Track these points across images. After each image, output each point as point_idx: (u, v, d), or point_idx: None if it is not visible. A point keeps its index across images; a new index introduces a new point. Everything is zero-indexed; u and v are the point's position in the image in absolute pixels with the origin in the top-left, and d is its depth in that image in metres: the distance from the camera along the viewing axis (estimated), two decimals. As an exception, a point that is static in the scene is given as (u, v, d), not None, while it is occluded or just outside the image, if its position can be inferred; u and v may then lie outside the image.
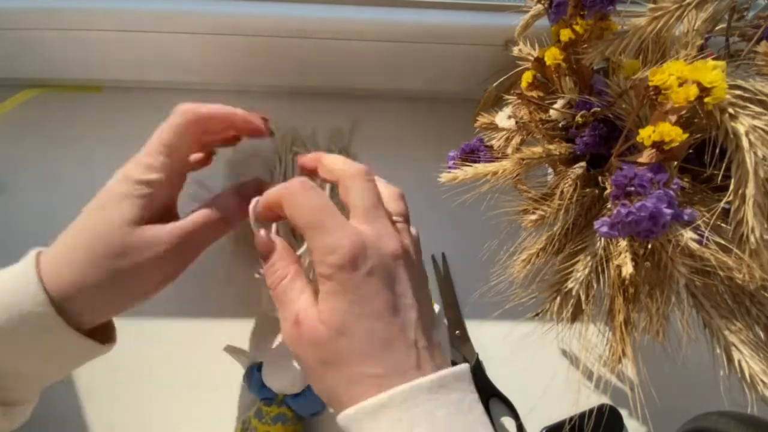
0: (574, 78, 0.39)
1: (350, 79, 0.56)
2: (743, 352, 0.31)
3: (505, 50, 0.48)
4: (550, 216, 0.38)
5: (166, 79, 0.56)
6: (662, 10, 0.30)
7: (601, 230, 0.30)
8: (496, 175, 0.37)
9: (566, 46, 0.36)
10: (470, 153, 0.41)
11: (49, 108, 0.55)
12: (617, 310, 0.35)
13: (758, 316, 0.33)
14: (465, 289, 0.50)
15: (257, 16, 0.47)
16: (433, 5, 0.48)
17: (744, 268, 0.30)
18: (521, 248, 0.40)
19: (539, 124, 0.39)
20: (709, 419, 0.39)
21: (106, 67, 0.53)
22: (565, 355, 0.48)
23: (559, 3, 0.36)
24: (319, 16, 0.47)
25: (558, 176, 0.38)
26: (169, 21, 0.47)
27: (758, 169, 0.28)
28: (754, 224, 0.28)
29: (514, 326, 0.47)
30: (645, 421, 0.44)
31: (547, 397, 0.44)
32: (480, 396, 0.27)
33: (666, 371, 0.36)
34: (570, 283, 0.36)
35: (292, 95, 0.58)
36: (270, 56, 0.51)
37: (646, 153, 0.30)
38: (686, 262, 0.31)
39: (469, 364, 0.26)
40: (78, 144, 0.53)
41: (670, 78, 0.28)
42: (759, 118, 0.28)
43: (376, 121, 0.58)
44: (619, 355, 0.35)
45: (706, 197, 0.34)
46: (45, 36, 0.48)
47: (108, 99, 0.56)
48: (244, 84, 0.57)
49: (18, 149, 0.53)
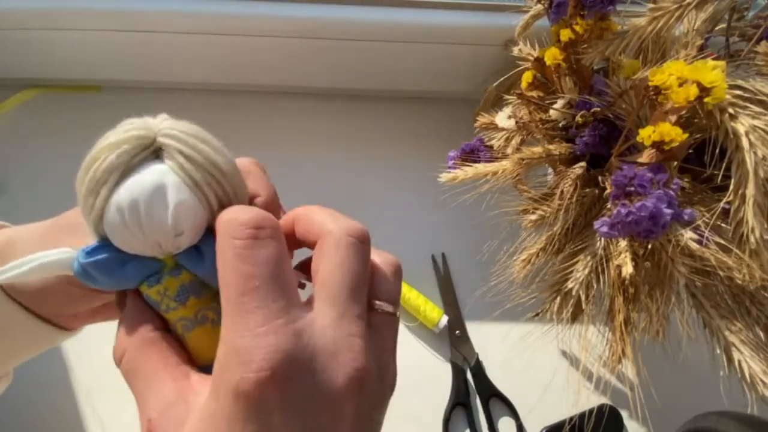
0: (574, 78, 0.39)
1: (350, 79, 0.56)
2: (743, 352, 0.31)
3: (505, 50, 0.48)
4: (550, 216, 0.38)
5: (166, 80, 0.56)
6: (662, 10, 0.30)
7: (601, 230, 0.30)
8: (496, 175, 0.37)
9: (566, 46, 0.36)
10: (470, 153, 0.41)
11: (49, 108, 0.55)
12: (617, 310, 0.35)
13: (758, 316, 0.33)
14: (465, 289, 0.50)
15: (257, 17, 0.47)
16: (433, 5, 0.48)
17: (744, 268, 0.30)
18: (521, 248, 0.40)
19: (539, 124, 0.39)
20: (709, 419, 0.39)
21: (106, 67, 0.53)
22: (565, 356, 0.48)
23: (559, 3, 0.36)
24: (319, 16, 0.47)
25: (558, 176, 0.38)
26: (169, 21, 0.47)
27: (758, 169, 0.28)
28: (754, 224, 0.28)
29: (514, 326, 0.47)
30: (645, 421, 0.44)
31: (547, 397, 0.44)
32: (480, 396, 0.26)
33: (666, 371, 0.36)
34: (570, 283, 0.36)
35: (292, 95, 0.58)
36: (270, 56, 0.51)
37: (646, 153, 0.30)
38: (686, 262, 0.31)
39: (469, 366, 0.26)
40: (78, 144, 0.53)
41: (670, 78, 0.28)
42: (759, 118, 0.28)
43: (377, 121, 0.58)
44: (619, 355, 0.35)
45: (706, 197, 0.34)
46: (45, 36, 0.48)
47: (108, 99, 0.56)
48: (243, 84, 0.57)
49: (18, 149, 0.53)
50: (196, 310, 0.21)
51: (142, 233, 0.19)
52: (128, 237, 0.19)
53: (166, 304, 0.20)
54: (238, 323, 0.16)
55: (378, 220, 0.53)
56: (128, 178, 0.18)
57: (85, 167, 0.19)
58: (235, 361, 0.16)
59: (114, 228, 0.19)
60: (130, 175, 0.18)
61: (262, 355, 0.16)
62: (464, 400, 0.44)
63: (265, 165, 0.26)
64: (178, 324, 0.21)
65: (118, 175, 0.18)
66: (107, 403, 0.42)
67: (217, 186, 0.19)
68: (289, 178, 0.56)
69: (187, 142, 0.19)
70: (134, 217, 0.18)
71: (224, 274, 0.17)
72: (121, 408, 0.43)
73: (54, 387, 0.42)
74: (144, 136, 0.19)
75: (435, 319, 0.46)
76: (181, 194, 0.19)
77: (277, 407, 0.16)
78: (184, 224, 0.19)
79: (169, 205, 0.18)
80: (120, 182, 0.18)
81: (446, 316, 0.47)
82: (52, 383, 0.42)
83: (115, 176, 0.18)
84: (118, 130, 0.19)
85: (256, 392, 0.15)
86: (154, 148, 0.19)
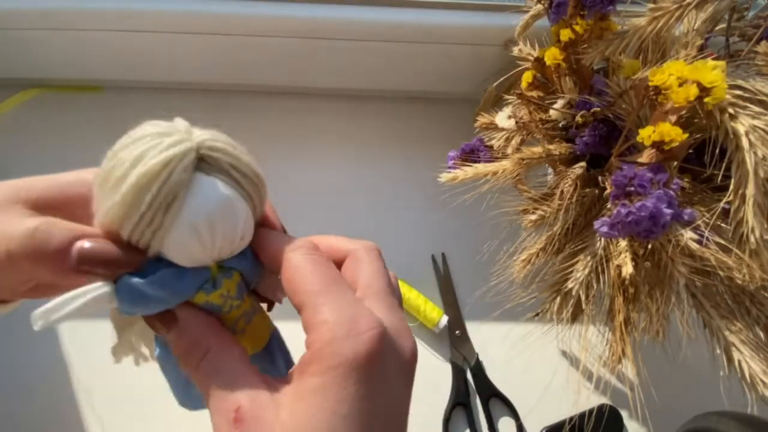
0: (574, 78, 0.39)
1: (351, 79, 0.56)
2: (743, 352, 0.31)
3: (505, 50, 0.48)
4: (550, 216, 0.38)
5: (166, 79, 0.56)
6: (662, 10, 0.30)
7: (601, 230, 0.30)
8: (496, 175, 0.37)
9: (566, 46, 0.36)
10: (470, 153, 0.41)
11: (49, 108, 0.55)
12: (617, 310, 0.35)
13: (758, 316, 0.33)
14: (465, 289, 0.50)
15: (257, 16, 0.47)
16: (433, 5, 0.48)
17: (744, 268, 0.30)
18: (521, 248, 0.40)
19: (539, 124, 0.39)
20: (709, 419, 0.39)
21: (106, 67, 0.53)
22: (565, 356, 0.48)
23: (559, 3, 0.36)
24: (319, 16, 0.47)
25: (558, 176, 0.38)
26: (169, 21, 0.47)
27: (758, 169, 0.28)
28: (754, 224, 0.28)
29: (514, 326, 0.47)
30: (645, 421, 0.44)
31: (547, 397, 0.44)
32: (480, 396, 0.27)
33: (666, 371, 0.36)
34: (570, 283, 0.36)
35: (292, 95, 0.58)
36: (270, 56, 0.51)
37: (646, 153, 0.30)
38: (686, 262, 0.31)
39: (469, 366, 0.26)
40: (78, 144, 0.53)
41: (670, 78, 0.28)
42: (759, 118, 0.28)
43: (377, 121, 0.58)
44: (619, 355, 0.35)
45: (706, 197, 0.34)
46: (45, 36, 0.48)
47: (108, 99, 0.56)
48: (243, 84, 0.57)
49: (18, 149, 0.53)
50: (251, 301, 0.23)
51: (212, 246, 0.19)
52: (197, 251, 0.19)
53: (230, 305, 0.21)
54: (336, 301, 0.19)
55: (378, 220, 0.53)
56: (188, 193, 0.18)
57: (139, 185, 0.18)
58: (343, 334, 0.18)
59: (184, 244, 0.19)
60: (189, 190, 0.18)
61: (369, 324, 0.19)
62: (464, 400, 0.44)
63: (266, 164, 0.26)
64: (240, 320, 0.22)
65: (184, 192, 0.18)
66: (107, 403, 0.42)
67: (259, 193, 0.21)
68: (289, 177, 0.56)
69: (232, 155, 0.20)
70: (209, 232, 0.19)
71: (304, 275, 0.20)
72: (121, 408, 0.43)
73: (54, 387, 0.42)
74: (190, 148, 0.19)
75: (435, 319, 0.46)
76: (243, 205, 0.20)
77: (379, 374, 0.18)
78: (247, 232, 0.21)
79: (238, 218, 0.20)
80: (184, 199, 0.18)
81: (446, 316, 0.47)
82: (52, 383, 0.43)
83: (183, 193, 0.18)
84: (158, 145, 0.18)
85: (367, 361, 0.18)
86: (195, 160, 0.19)
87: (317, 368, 0.18)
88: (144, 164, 0.18)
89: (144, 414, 0.42)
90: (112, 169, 0.18)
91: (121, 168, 0.18)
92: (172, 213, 0.18)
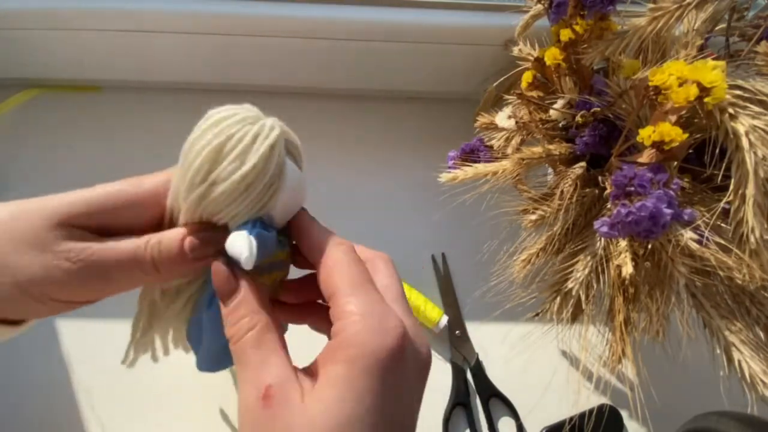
0: (574, 78, 0.39)
1: (350, 79, 0.56)
2: (743, 352, 0.31)
3: (505, 50, 0.48)
4: (550, 216, 0.38)
5: (165, 79, 0.56)
6: (662, 10, 0.30)
7: (601, 230, 0.30)
8: (496, 175, 0.37)
9: (566, 46, 0.36)
10: (470, 153, 0.41)
11: (49, 108, 0.55)
12: (617, 310, 0.35)
13: (758, 316, 0.33)
14: (465, 289, 0.50)
15: (257, 16, 0.47)
16: (433, 5, 0.48)
17: (744, 268, 0.30)
18: (521, 248, 0.40)
19: (539, 124, 0.39)
20: (709, 419, 0.39)
21: (106, 67, 0.53)
22: (565, 356, 0.48)
23: (559, 3, 0.36)
24: (319, 16, 0.47)
25: (558, 176, 0.38)
26: (169, 21, 0.47)
27: (758, 169, 0.28)
28: (754, 224, 0.28)
29: (514, 326, 0.47)
30: (645, 421, 0.44)
31: (547, 397, 0.44)
32: (480, 396, 0.27)
33: (666, 371, 0.36)
34: (570, 283, 0.36)
35: (291, 95, 0.58)
36: (270, 56, 0.51)
37: (646, 153, 0.30)
38: (686, 262, 0.31)
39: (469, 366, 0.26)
40: (78, 144, 0.53)
41: (670, 78, 0.28)
42: (759, 118, 0.28)
43: (377, 122, 0.58)
44: (619, 355, 0.35)
45: (706, 197, 0.34)
46: (45, 36, 0.48)
47: (108, 99, 0.56)
48: (243, 84, 0.57)
49: (18, 149, 0.53)
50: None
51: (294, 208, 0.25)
52: (288, 212, 0.24)
53: (281, 259, 0.25)
54: (368, 297, 0.21)
55: (378, 220, 0.53)
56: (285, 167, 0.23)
57: (258, 166, 0.22)
58: (372, 326, 0.20)
59: (284, 205, 0.24)
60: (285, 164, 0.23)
61: (395, 321, 0.20)
62: (464, 400, 0.44)
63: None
64: (281, 273, 0.25)
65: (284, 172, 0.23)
66: (107, 403, 0.42)
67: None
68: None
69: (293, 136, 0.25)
70: (297, 196, 0.25)
71: (342, 269, 0.22)
72: (121, 408, 0.43)
73: (54, 387, 0.42)
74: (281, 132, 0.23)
75: (435, 319, 0.46)
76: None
77: (401, 370, 0.20)
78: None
79: (305, 188, 0.25)
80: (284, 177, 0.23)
81: (446, 316, 0.47)
82: (52, 383, 0.42)
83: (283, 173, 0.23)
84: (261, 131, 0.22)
85: (392, 356, 0.19)
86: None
87: (344, 355, 0.19)
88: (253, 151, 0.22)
89: (144, 414, 0.42)
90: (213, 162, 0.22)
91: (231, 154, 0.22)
92: (278, 184, 0.23)
